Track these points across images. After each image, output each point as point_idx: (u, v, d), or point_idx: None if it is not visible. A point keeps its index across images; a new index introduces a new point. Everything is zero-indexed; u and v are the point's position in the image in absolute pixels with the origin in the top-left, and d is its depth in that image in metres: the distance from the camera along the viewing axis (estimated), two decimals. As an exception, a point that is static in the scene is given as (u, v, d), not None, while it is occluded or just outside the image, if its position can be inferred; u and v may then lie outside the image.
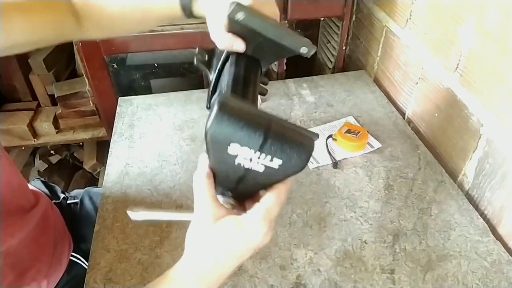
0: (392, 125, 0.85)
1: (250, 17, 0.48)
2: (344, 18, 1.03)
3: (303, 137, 0.38)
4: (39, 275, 0.63)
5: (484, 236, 0.63)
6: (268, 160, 0.37)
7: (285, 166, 0.38)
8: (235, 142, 0.36)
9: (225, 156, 0.37)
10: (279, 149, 0.37)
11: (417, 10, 0.81)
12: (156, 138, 0.82)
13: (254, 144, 0.36)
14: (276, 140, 0.36)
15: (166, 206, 0.67)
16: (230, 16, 0.48)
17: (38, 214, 0.66)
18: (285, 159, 0.37)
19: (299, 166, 0.38)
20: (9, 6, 0.54)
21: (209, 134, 0.36)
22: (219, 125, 0.35)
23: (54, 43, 0.62)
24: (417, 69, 0.84)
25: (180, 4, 0.56)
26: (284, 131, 0.37)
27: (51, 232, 0.69)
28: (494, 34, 0.61)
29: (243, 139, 0.36)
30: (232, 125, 0.35)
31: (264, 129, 0.36)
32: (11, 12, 0.54)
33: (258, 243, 0.39)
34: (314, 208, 0.67)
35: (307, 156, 0.38)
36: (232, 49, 0.53)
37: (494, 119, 0.63)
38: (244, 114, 0.36)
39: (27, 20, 0.56)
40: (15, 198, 0.61)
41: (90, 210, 0.78)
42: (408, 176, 0.73)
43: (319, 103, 0.92)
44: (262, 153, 0.37)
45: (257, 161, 0.37)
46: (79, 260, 0.72)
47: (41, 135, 1.33)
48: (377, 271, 0.58)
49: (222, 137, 0.36)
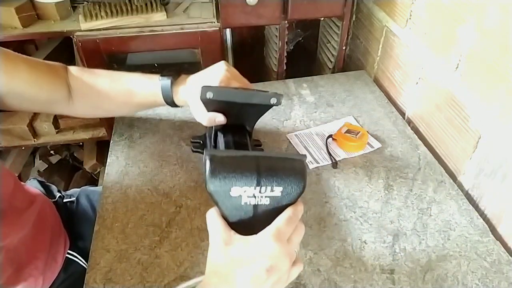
0: (392, 125, 0.85)
1: (218, 93, 0.57)
2: (344, 18, 1.03)
3: (292, 161, 0.42)
4: (36, 271, 0.63)
5: (484, 236, 0.63)
6: (270, 191, 0.40)
7: (287, 191, 0.41)
8: (234, 186, 0.40)
9: (231, 201, 0.41)
10: (275, 178, 0.40)
11: (417, 10, 0.81)
12: (156, 138, 0.82)
13: (251, 182, 0.40)
14: (269, 171, 0.40)
15: (166, 206, 0.67)
16: (202, 98, 0.57)
17: (35, 213, 0.67)
18: (284, 185, 0.41)
19: (300, 187, 0.41)
20: (21, 57, 0.62)
21: (209, 187, 0.39)
22: (215, 177, 0.39)
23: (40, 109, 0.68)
24: (417, 69, 0.84)
25: (163, 97, 0.66)
26: (273, 162, 0.41)
27: (48, 230, 0.69)
28: (494, 34, 0.61)
29: (240, 181, 0.39)
30: (227, 173, 0.39)
31: (255, 167, 0.40)
32: (20, 62, 0.61)
33: (273, 263, 0.38)
34: (314, 208, 0.67)
35: (302, 176, 0.41)
36: (216, 123, 0.62)
37: (494, 119, 0.63)
38: (233, 160, 0.40)
39: (30, 72, 0.62)
40: (12, 198, 0.61)
41: (87, 208, 0.78)
42: (408, 176, 0.73)
43: (319, 103, 0.92)
44: (262, 187, 0.40)
45: (260, 196, 0.41)
46: (76, 258, 0.72)
47: (41, 135, 1.33)
48: (377, 271, 0.58)
49: (222, 186, 0.39)
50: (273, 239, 0.39)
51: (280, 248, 0.38)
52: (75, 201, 0.80)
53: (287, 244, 0.40)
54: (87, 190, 0.84)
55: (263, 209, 0.41)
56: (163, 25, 1.00)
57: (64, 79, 0.67)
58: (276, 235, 0.39)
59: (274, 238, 0.39)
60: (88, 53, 1.00)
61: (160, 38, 1.00)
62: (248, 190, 0.40)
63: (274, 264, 0.38)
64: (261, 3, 0.93)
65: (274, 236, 0.39)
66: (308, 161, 0.75)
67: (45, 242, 0.67)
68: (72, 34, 0.98)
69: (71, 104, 0.68)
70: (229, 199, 0.40)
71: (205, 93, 0.57)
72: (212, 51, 1.04)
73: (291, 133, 0.83)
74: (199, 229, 0.63)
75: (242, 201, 0.40)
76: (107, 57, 1.02)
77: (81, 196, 0.81)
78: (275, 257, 0.38)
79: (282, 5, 0.96)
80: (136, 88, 0.68)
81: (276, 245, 0.38)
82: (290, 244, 0.40)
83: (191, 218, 0.65)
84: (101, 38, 0.98)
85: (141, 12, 1.01)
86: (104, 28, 0.98)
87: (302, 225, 0.42)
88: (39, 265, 0.64)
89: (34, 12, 1.03)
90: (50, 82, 0.65)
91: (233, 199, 0.40)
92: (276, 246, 0.38)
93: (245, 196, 0.40)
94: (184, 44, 1.03)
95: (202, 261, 0.58)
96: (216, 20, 1.02)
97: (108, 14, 0.99)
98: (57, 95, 0.66)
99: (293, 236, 0.41)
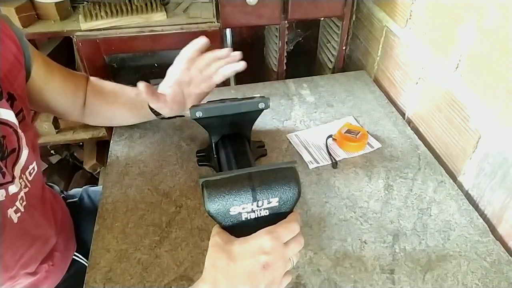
0: (392, 125, 0.85)
1: (206, 110, 0.61)
2: (344, 18, 1.03)
3: (283, 170, 0.44)
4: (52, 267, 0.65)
5: (484, 236, 0.63)
6: (267, 203, 0.42)
7: (283, 200, 0.43)
8: (233, 206, 0.42)
9: (233, 219, 0.42)
10: (269, 191, 0.42)
11: (417, 10, 0.81)
12: (156, 138, 0.82)
13: (247, 199, 0.42)
14: (263, 186, 0.42)
15: (166, 206, 0.67)
16: (193, 117, 0.60)
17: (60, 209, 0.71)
18: (279, 195, 0.42)
19: (294, 193, 0.43)
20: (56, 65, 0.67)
21: (209, 211, 0.42)
22: (212, 201, 0.41)
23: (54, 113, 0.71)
24: (417, 69, 0.84)
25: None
26: (265, 176, 0.43)
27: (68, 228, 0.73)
28: (494, 34, 0.61)
29: (236, 200, 0.41)
30: (223, 195, 0.41)
31: (248, 184, 0.42)
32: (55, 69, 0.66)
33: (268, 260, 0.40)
34: (314, 208, 0.67)
35: (295, 183, 0.43)
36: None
37: (494, 119, 0.63)
38: (226, 181, 0.42)
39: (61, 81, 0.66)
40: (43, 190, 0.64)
41: (90, 209, 0.79)
42: (408, 176, 0.73)
43: (319, 103, 0.92)
44: (258, 201, 0.42)
45: (258, 209, 0.43)
46: (79, 257, 0.72)
47: (41, 135, 1.32)
48: (377, 271, 0.58)
49: (220, 208, 0.42)
50: (269, 237, 0.40)
51: (275, 245, 0.40)
52: (78, 202, 0.80)
53: (283, 246, 0.41)
54: (88, 190, 0.84)
55: (264, 221, 0.43)
56: (163, 25, 1.00)
57: (83, 90, 0.71)
58: (272, 233, 0.41)
59: (270, 236, 0.40)
60: (88, 53, 1.00)
61: (160, 38, 1.00)
62: (246, 207, 0.42)
63: (269, 262, 0.40)
64: (261, 3, 0.93)
65: (270, 233, 0.41)
66: (308, 161, 0.75)
67: (64, 238, 0.69)
68: (72, 34, 0.98)
69: (83, 113, 0.73)
70: (230, 218, 0.42)
71: (195, 113, 0.60)
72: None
73: (291, 133, 0.83)
74: (199, 229, 0.63)
75: (243, 217, 0.43)
76: (107, 57, 1.02)
77: (84, 196, 0.81)
78: (270, 254, 0.40)
79: (282, 5, 0.96)
80: (138, 98, 0.71)
81: (271, 242, 0.40)
82: (287, 248, 0.42)
83: (191, 218, 0.65)
84: (101, 38, 0.98)
85: (141, 12, 1.01)
86: (104, 28, 0.98)
87: (301, 238, 0.44)
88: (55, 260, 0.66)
89: (34, 12, 1.02)
90: (73, 92, 0.69)
91: (233, 217, 0.42)
92: (271, 243, 0.40)
93: (245, 213, 0.42)
94: (184, 44, 1.01)
95: (202, 261, 0.58)
96: (216, 20, 1.02)
97: (108, 14, 0.99)
98: (75, 104, 0.70)
99: (291, 242, 0.42)
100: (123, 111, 0.74)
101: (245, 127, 0.69)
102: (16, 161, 0.52)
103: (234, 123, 0.66)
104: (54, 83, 0.64)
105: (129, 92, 0.72)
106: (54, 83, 0.64)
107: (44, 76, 0.62)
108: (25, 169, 0.55)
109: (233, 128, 0.67)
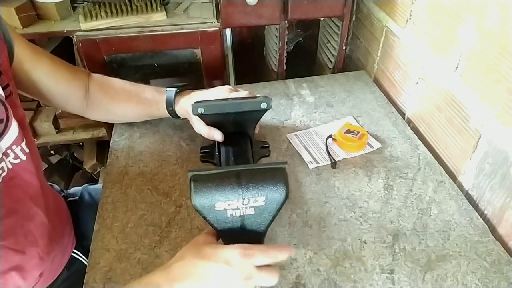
0: (392, 125, 0.85)
1: (208, 107, 0.60)
2: (344, 18, 1.03)
3: (272, 170, 0.44)
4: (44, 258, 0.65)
5: (483, 236, 0.63)
6: (253, 202, 0.42)
7: (270, 200, 0.43)
8: (218, 201, 0.42)
9: (218, 215, 0.43)
10: (256, 190, 0.42)
11: (417, 10, 0.81)
12: (156, 138, 0.82)
13: (233, 196, 0.42)
14: (250, 184, 0.42)
15: (166, 205, 0.67)
16: (195, 114, 0.60)
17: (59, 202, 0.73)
18: (266, 195, 0.43)
19: (282, 194, 0.43)
20: (46, 53, 0.67)
21: (195, 205, 0.42)
22: (198, 194, 0.42)
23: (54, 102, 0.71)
24: (417, 69, 0.84)
25: (165, 104, 0.71)
26: (254, 174, 0.43)
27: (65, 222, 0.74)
28: (494, 34, 0.61)
29: (222, 196, 0.42)
30: (209, 190, 0.41)
31: (236, 181, 0.42)
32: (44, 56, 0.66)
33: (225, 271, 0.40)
34: (314, 208, 0.67)
35: (283, 183, 0.43)
36: (213, 138, 0.66)
37: (494, 119, 0.63)
38: (214, 176, 0.43)
39: (51, 66, 0.67)
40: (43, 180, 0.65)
41: (90, 207, 0.79)
42: (407, 176, 0.73)
43: (319, 103, 0.92)
44: (244, 199, 0.42)
45: (244, 207, 0.43)
46: (80, 256, 0.72)
47: (41, 135, 1.33)
48: (377, 271, 0.58)
49: (206, 203, 0.42)
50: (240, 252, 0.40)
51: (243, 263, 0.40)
52: (78, 200, 0.80)
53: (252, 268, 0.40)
54: (89, 188, 0.84)
55: (250, 220, 0.44)
56: (163, 25, 1.00)
57: (83, 81, 0.72)
58: (246, 249, 0.41)
59: (242, 252, 0.40)
60: (88, 53, 1.00)
61: (160, 38, 1.00)
62: (232, 204, 0.42)
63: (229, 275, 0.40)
64: (261, 3, 0.93)
65: (244, 249, 0.41)
66: (308, 161, 0.75)
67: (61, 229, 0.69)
68: (72, 34, 0.98)
69: (85, 106, 0.74)
70: (215, 214, 0.43)
71: (196, 109, 0.60)
72: (212, 51, 1.04)
73: (291, 133, 0.83)
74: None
75: (228, 213, 0.43)
76: (107, 57, 1.02)
77: (84, 195, 0.81)
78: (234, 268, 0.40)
79: (282, 5, 0.96)
80: (144, 94, 0.73)
81: (240, 258, 0.40)
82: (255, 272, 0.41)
83: (191, 218, 0.65)
84: (101, 38, 0.98)
85: (141, 12, 1.01)
86: (104, 28, 0.98)
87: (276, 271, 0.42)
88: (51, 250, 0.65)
89: (34, 12, 1.02)
90: (68, 79, 0.69)
91: (219, 213, 0.43)
92: (240, 259, 0.40)
93: (230, 209, 0.43)
94: (184, 44, 1.03)
95: (202, 261, 0.58)
96: (216, 20, 1.02)
97: (108, 14, 0.99)
98: (72, 93, 0.71)
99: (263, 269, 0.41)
100: (136, 110, 0.75)
101: (248, 127, 0.69)
102: (3, 131, 0.52)
103: (237, 122, 0.66)
104: (43, 68, 0.64)
105: (143, 92, 0.74)
106: (43, 68, 0.65)
107: (30, 60, 0.62)
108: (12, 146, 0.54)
109: (236, 126, 0.67)
